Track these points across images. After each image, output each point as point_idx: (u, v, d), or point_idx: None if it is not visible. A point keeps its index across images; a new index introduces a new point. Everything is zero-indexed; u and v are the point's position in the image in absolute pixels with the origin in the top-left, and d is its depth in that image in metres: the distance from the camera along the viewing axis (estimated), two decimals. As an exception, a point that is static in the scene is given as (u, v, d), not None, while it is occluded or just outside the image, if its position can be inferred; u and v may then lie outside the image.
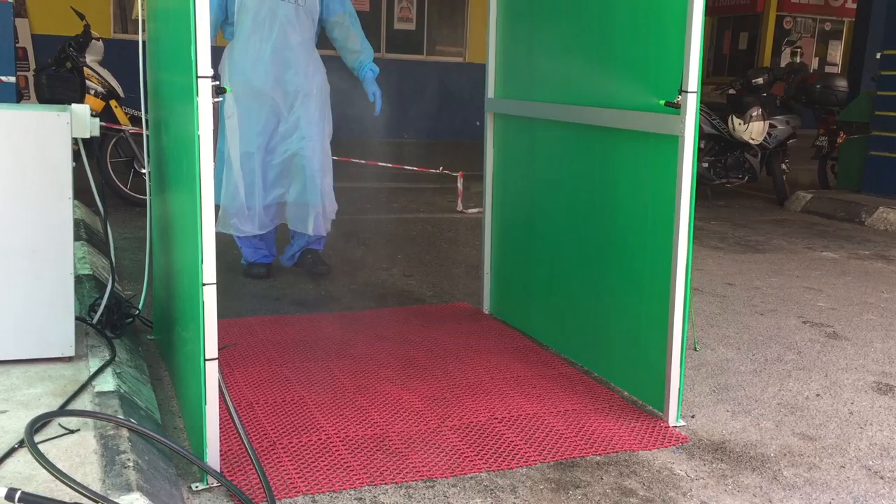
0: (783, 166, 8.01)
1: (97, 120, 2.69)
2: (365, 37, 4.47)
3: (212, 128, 2.15)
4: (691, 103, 2.65)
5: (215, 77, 2.16)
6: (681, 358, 2.78)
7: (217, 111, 3.83)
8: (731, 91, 7.88)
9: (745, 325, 4.02)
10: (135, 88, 3.20)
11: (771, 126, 7.65)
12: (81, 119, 2.60)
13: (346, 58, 4.46)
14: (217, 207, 4.12)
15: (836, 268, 5.37)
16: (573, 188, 3.36)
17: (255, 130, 4.16)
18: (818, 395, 3.17)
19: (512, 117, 3.79)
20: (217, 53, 3.74)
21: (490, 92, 3.90)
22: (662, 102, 2.74)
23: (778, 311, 4.29)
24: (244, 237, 4.35)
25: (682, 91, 2.66)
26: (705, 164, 7.66)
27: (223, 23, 4.20)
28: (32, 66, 9.00)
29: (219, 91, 2.19)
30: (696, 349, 3.60)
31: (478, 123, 4.02)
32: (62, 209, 2.51)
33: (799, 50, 13.27)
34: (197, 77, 2.11)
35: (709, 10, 17.48)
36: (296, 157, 4.24)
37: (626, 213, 3.04)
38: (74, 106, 2.61)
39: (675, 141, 2.70)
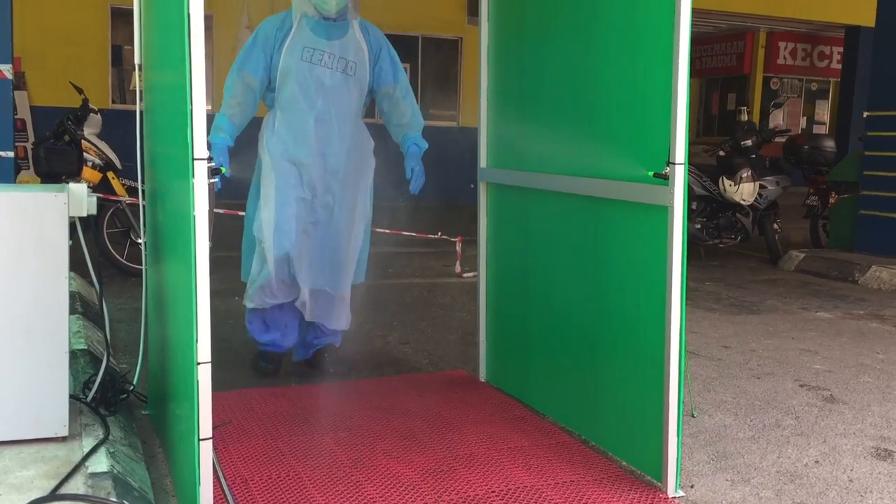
0: (775, 226, 8.08)
1: (94, 199, 2.72)
2: (417, 108, 4.14)
3: (208, 208, 2.18)
4: (679, 174, 2.69)
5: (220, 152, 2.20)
6: (678, 426, 2.77)
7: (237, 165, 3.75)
8: (721, 153, 7.99)
9: (741, 389, 4.01)
10: (132, 157, 3.26)
11: (761, 187, 7.74)
12: (78, 198, 2.63)
13: (392, 130, 4.12)
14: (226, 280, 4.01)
15: (831, 328, 5.38)
16: (566, 256, 3.39)
17: (291, 205, 3.81)
18: (817, 461, 3.15)
19: (504, 186, 3.83)
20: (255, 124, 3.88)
21: (482, 161, 3.95)
22: (651, 174, 2.79)
23: (774, 374, 4.29)
24: (256, 313, 3.96)
25: (670, 163, 2.71)
26: (698, 225, 7.73)
27: (265, 89, 3.87)
28: (31, 137, 9.13)
29: (214, 172, 2.23)
30: (693, 415, 3.59)
31: (472, 186, 4.06)
32: (58, 289, 2.52)
33: (745, 109, 13.48)
34: (193, 159, 2.16)
35: (697, 72, 17.92)
36: (331, 243, 3.91)
37: (618, 282, 3.06)
38: (72, 185, 2.65)
39: (664, 211, 2.74)
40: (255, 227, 3.83)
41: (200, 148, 2.17)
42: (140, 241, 5.74)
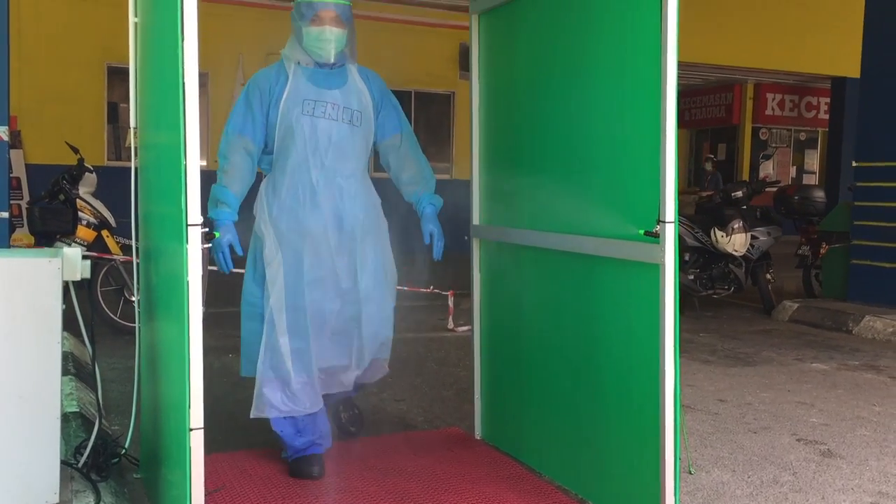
0: (768, 276, 8.12)
1: (88, 263, 2.73)
2: (425, 160, 3.74)
3: (201, 273, 2.20)
4: (669, 233, 2.72)
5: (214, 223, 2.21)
6: (675, 483, 2.75)
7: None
8: (712, 200, 8.06)
9: (738, 444, 3.98)
10: (127, 214, 3.23)
11: (753, 237, 7.79)
12: (72, 262, 2.64)
13: (403, 189, 3.70)
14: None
15: (827, 380, 5.37)
16: (560, 312, 3.40)
17: (305, 280, 3.34)
18: (816, 519, 3.13)
19: (497, 243, 3.86)
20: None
21: (475, 219, 3.98)
22: (642, 232, 2.81)
23: (771, 428, 4.27)
24: (286, 418, 3.39)
25: (660, 221, 2.74)
26: (691, 277, 7.76)
27: (261, 153, 3.47)
28: (26, 195, 9.16)
29: (208, 238, 2.24)
30: (690, 472, 3.56)
31: (465, 238, 4.06)
32: (51, 355, 2.52)
33: (712, 159, 13.57)
34: (187, 224, 2.17)
35: (687, 123, 18.17)
36: (355, 319, 3.47)
37: (613, 339, 3.06)
38: (66, 249, 2.66)
39: (656, 269, 2.76)
40: (266, 317, 3.32)
41: (194, 214, 2.19)
42: (134, 299, 5.75)
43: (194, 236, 2.16)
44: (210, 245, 2.33)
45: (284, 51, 3.46)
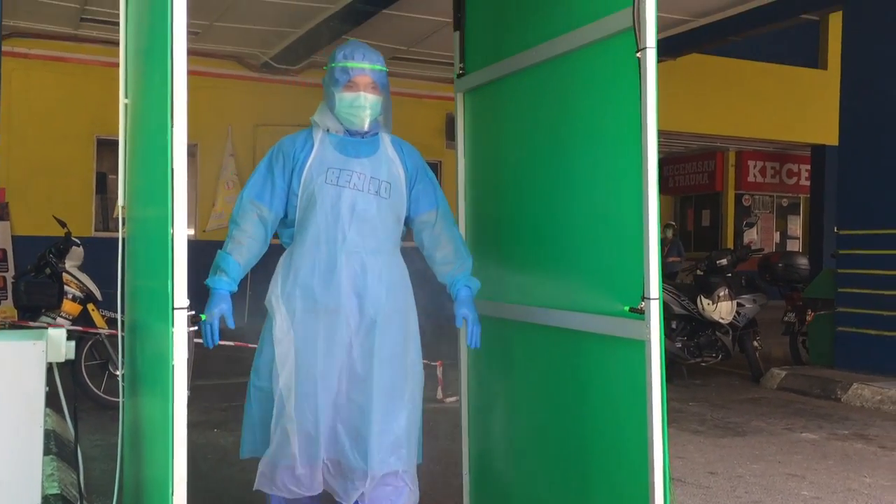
0: (755, 343, 8.14)
1: (72, 344, 2.72)
2: (463, 241, 3.48)
3: (186, 357, 2.19)
4: (654, 309, 2.74)
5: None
6: (666, 564, 2.71)
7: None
8: (699, 272, 8.12)
9: (730, 519, 3.94)
10: (113, 285, 3.19)
11: (739, 305, 7.84)
12: (57, 344, 2.63)
13: (436, 269, 3.42)
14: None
15: (817, 451, 5.34)
16: (548, 387, 3.39)
17: (319, 363, 3.09)
18: None
19: (485, 317, 3.86)
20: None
21: (462, 293, 3.99)
22: (627, 308, 2.83)
23: (762, 502, 4.22)
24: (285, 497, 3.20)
25: (645, 297, 2.76)
26: (679, 344, 7.77)
27: (280, 223, 3.26)
28: (11, 267, 9.13)
29: (194, 320, 2.24)
30: (682, 549, 3.51)
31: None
32: (32, 438, 2.49)
33: (673, 227, 13.69)
34: (173, 308, 2.17)
35: (671, 190, 18.39)
36: (364, 412, 3.09)
37: (600, 413, 3.05)
38: (51, 331, 2.65)
39: (642, 346, 2.77)
40: (275, 399, 3.10)
41: (181, 296, 2.19)
42: (118, 373, 5.70)
43: (180, 320, 2.16)
44: (196, 328, 2.32)
45: (314, 117, 3.28)
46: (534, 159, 3.49)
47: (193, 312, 2.22)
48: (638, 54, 2.75)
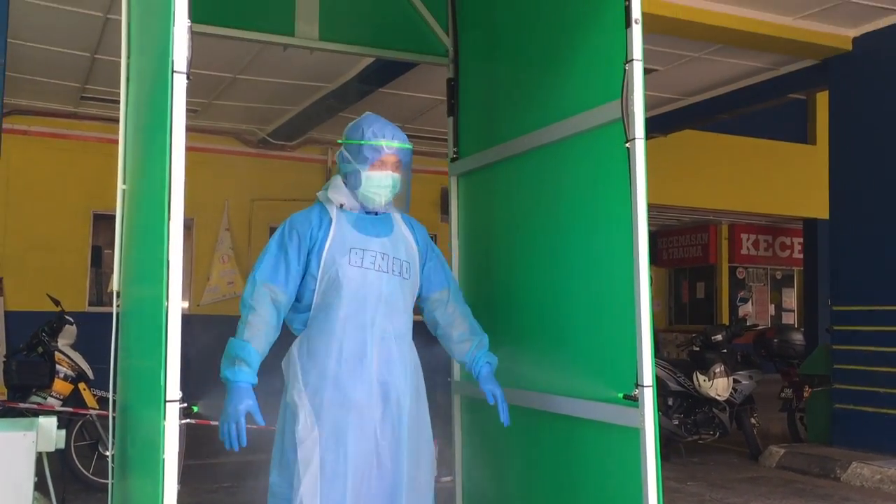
0: (753, 420, 8.06)
1: (63, 433, 2.69)
2: (472, 316, 3.34)
3: (178, 449, 2.16)
4: (648, 396, 2.73)
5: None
6: None
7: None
8: (694, 348, 8.10)
9: None
10: (106, 361, 3.14)
11: (735, 381, 7.79)
12: (48, 434, 2.60)
13: (453, 347, 3.30)
14: None
15: (818, 533, 5.25)
16: (541, 471, 3.36)
17: (349, 462, 2.89)
18: None
19: (478, 400, 3.83)
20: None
21: (456, 374, 3.98)
22: (621, 395, 2.82)
23: (763, 589, 4.13)
24: None
25: (639, 385, 2.75)
26: (675, 422, 7.69)
27: (291, 308, 3.03)
28: (3, 343, 9.06)
29: (187, 414, 2.23)
30: None
31: (449, 379, 4.03)
32: (18, 532, 2.45)
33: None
34: (165, 401, 2.16)
35: (665, 262, 18.46)
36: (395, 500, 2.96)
37: (594, 500, 3.02)
38: (41, 420, 2.63)
39: (636, 433, 2.75)
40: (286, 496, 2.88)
41: (173, 388, 2.18)
42: (108, 454, 5.62)
43: (172, 413, 2.14)
44: (188, 419, 2.29)
45: (327, 193, 3.12)
46: (527, 244, 3.52)
47: (186, 405, 2.20)
48: (627, 145, 2.80)
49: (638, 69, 2.75)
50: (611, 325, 2.96)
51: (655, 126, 10.48)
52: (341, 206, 3.08)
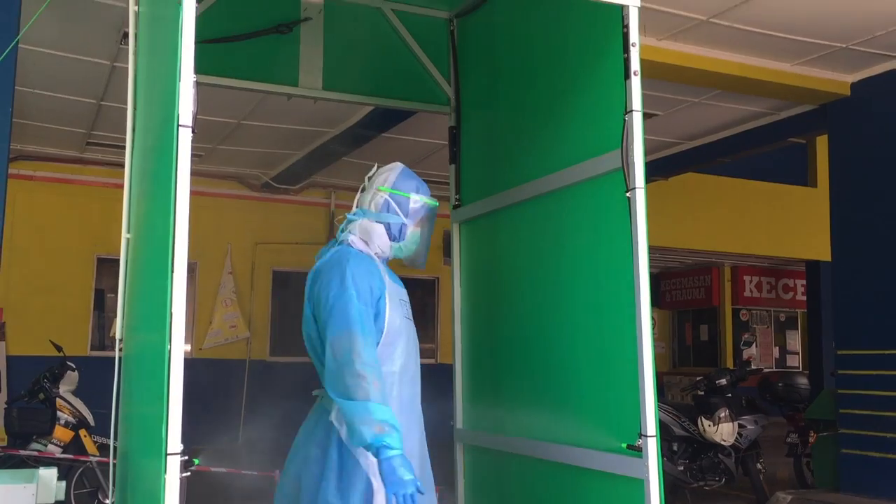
0: (759, 465, 7.97)
1: (63, 484, 2.68)
2: None
3: (177, 501, 2.14)
4: (651, 447, 2.71)
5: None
6: None
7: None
8: (699, 392, 8.05)
9: None
10: (108, 405, 3.13)
11: (740, 426, 7.72)
12: (48, 486, 2.59)
13: None
14: None
15: (827, 583, 5.16)
16: (546, 524, 3.32)
17: None
18: None
19: (481, 448, 3.81)
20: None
21: (458, 422, 3.96)
22: (624, 445, 2.80)
23: None
24: None
25: (642, 435, 2.74)
26: (681, 467, 7.61)
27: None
28: (4, 389, 9.03)
29: (188, 466, 2.21)
30: None
31: (451, 423, 4.00)
32: (16, 587, 2.42)
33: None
34: (166, 454, 2.15)
35: (668, 304, 18.40)
36: None
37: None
38: (42, 472, 2.62)
39: (640, 484, 2.73)
40: None
41: (174, 441, 2.17)
42: (108, 502, 5.57)
43: (173, 466, 2.13)
44: (188, 474, 2.27)
45: (363, 238, 3.00)
46: (529, 291, 3.53)
47: (187, 457, 2.19)
48: (628, 194, 2.82)
49: (637, 120, 2.78)
50: (613, 373, 2.95)
51: (657, 170, 10.53)
52: (376, 254, 3.00)
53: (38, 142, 9.90)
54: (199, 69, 2.27)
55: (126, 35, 6.13)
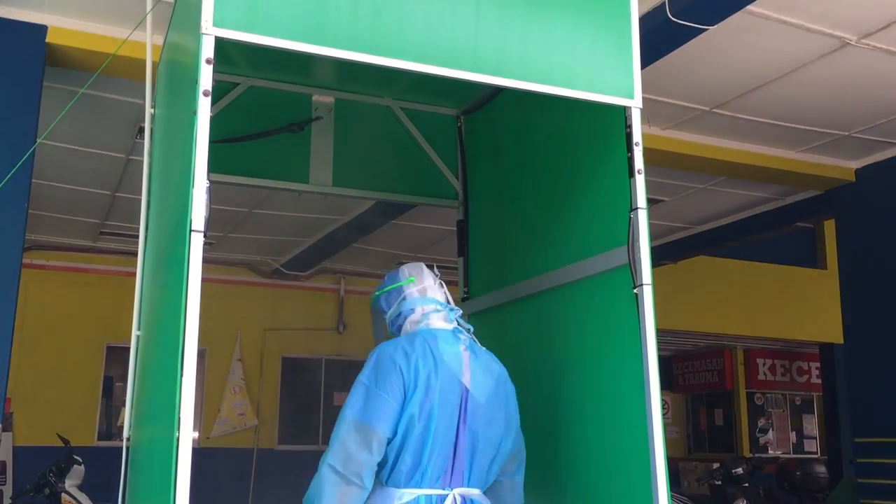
0: (780, 558, 7.77)
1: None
2: None
3: None
4: (668, 550, 2.65)
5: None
6: None
7: None
8: (715, 482, 7.89)
9: None
10: (114, 495, 3.10)
11: (759, 517, 7.55)
12: None
13: None
14: None
15: None
16: None
17: None
18: None
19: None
20: None
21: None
22: (639, 547, 2.74)
23: None
24: None
25: (657, 537, 2.68)
26: (699, 561, 7.41)
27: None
28: (10, 480, 8.93)
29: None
30: None
31: None
32: None
33: None
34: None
35: (681, 388, 18.17)
36: None
37: None
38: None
39: (656, 590, 2.65)
40: None
41: (180, 549, 2.14)
42: None
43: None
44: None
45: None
46: (536, 383, 3.51)
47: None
48: (635, 290, 2.83)
49: (643, 217, 2.81)
50: (624, 468, 2.91)
51: (666, 254, 10.56)
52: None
53: (51, 232, 10.04)
54: (211, 168, 2.31)
55: (142, 130, 6.30)
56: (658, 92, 5.91)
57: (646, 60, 3.04)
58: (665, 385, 18.61)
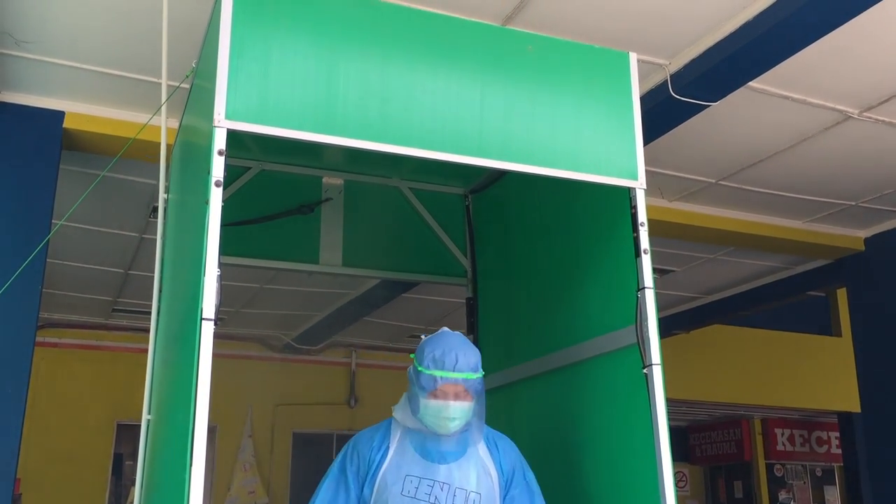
0: None
1: None
2: None
3: None
4: None
5: None
6: None
7: None
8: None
9: None
10: None
11: None
12: None
13: None
14: None
15: None
16: None
17: None
18: None
19: None
20: None
21: None
22: None
23: None
24: None
25: None
26: None
27: None
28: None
29: None
30: None
31: None
32: None
33: None
34: None
35: (699, 460, 17.85)
36: None
37: None
38: None
39: None
40: None
41: None
42: None
43: None
44: None
45: (396, 411, 2.85)
46: (548, 464, 3.47)
47: None
48: (644, 370, 2.82)
49: (650, 297, 2.82)
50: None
51: (677, 323, 10.50)
52: (408, 427, 2.80)
53: (64, 310, 10.09)
54: (222, 250, 2.35)
55: (155, 209, 6.39)
56: (664, 165, 5.97)
57: (650, 136, 3.10)
58: (682, 456, 18.28)
